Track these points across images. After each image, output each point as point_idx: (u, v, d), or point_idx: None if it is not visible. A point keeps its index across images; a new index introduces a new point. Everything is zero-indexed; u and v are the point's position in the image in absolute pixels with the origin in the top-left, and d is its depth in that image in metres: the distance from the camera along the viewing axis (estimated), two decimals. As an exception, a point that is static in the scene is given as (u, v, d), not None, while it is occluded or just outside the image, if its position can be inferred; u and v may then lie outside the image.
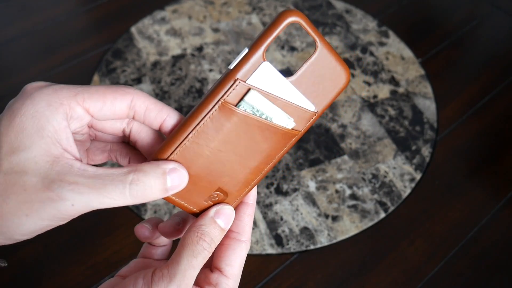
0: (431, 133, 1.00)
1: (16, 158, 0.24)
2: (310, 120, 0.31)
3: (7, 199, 0.24)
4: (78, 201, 0.24)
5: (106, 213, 0.86)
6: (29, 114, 0.25)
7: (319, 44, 0.29)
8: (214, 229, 0.29)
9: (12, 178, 0.24)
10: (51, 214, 0.24)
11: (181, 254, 0.28)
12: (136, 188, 0.25)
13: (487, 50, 1.17)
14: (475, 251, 0.85)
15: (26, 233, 0.25)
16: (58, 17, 1.19)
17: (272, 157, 0.32)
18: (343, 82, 0.31)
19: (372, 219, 0.87)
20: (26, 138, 0.24)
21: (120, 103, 0.27)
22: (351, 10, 1.24)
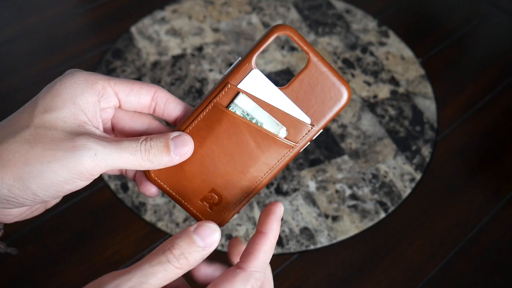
0: (431, 133, 1.00)
1: (48, 116, 0.27)
2: (306, 133, 0.32)
3: (35, 146, 0.26)
4: (101, 151, 0.27)
5: (106, 213, 0.86)
6: (68, 84, 0.28)
7: (310, 56, 0.31)
8: (188, 245, 0.27)
9: (41, 131, 0.27)
10: (72, 164, 0.26)
11: (141, 262, 0.27)
12: (145, 146, 0.28)
13: (487, 50, 1.17)
14: (475, 251, 0.85)
15: (44, 184, 0.26)
16: (58, 17, 1.19)
17: (267, 165, 0.32)
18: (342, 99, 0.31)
19: (372, 219, 0.87)
20: (60, 101, 0.28)
21: (145, 93, 0.31)
22: (351, 10, 1.24)
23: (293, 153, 0.32)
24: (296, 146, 0.32)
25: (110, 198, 0.88)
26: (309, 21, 1.21)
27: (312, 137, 0.32)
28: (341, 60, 1.12)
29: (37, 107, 0.28)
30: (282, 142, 0.31)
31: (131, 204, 0.87)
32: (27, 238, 0.83)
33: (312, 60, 0.31)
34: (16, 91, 1.03)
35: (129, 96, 0.31)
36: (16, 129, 0.27)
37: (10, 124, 0.27)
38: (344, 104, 0.31)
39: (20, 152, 0.26)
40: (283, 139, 0.31)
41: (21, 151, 0.26)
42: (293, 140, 0.31)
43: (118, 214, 0.86)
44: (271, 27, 0.31)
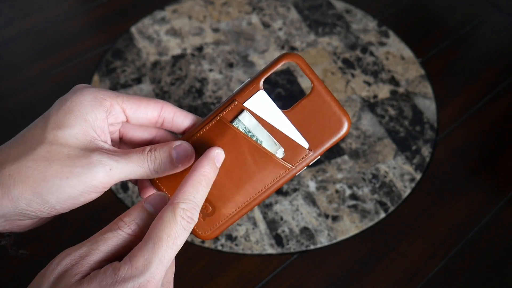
0: (431, 133, 1.00)
1: (60, 132, 0.29)
2: (303, 157, 0.33)
3: (52, 163, 0.28)
4: (114, 166, 0.29)
5: (106, 213, 0.86)
6: (78, 101, 0.30)
7: (315, 84, 0.32)
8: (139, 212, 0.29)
9: (56, 148, 0.28)
10: (89, 179, 0.28)
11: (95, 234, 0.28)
12: (151, 157, 0.30)
13: (487, 50, 1.17)
14: (475, 251, 0.85)
15: (62, 198, 0.28)
16: (58, 17, 1.19)
17: (262, 183, 0.33)
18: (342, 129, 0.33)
19: (372, 219, 0.87)
20: (72, 118, 0.29)
21: (152, 109, 0.33)
22: (351, 10, 1.24)
23: (289, 176, 0.33)
24: (292, 168, 0.33)
25: (110, 198, 0.88)
26: (309, 21, 1.21)
27: (309, 162, 0.33)
28: (341, 60, 1.12)
29: (49, 123, 0.29)
30: (278, 162, 0.32)
31: (131, 204, 0.87)
32: (27, 238, 0.83)
33: (316, 88, 0.32)
34: (16, 91, 1.03)
35: (136, 113, 0.32)
36: (31, 146, 0.28)
37: (25, 140, 0.29)
38: (343, 134, 0.33)
39: (39, 169, 0.27)
40: (279, 159, 0.32)
41: (39, 168, 0.27)
42: (289, 162, 0.33)
43: (118, 214, 0.85)
44: (281, 54, 0.33)
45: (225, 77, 1.08)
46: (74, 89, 0.31)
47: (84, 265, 0.26)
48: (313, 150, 0.33)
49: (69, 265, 0.27)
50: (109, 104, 0.31)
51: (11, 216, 0.28)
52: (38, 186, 0.27)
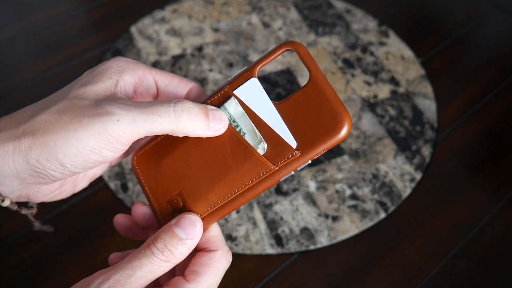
0: (431, 133, 1.00)
1: (83, 89, 0.28)
2: (288, 157, 0.28)
3: (63, 115, 0.27)
4: (123, 116, 0.26)
5: (106, 213, 0.86)
6: (109, 64, 0.30)
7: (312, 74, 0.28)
8: (170, 238, 0.27)
9: (73, 102, 0.27)
10: (97, 130, 0.26)
11: (126, 258, 0.28)
12: (181, 106, 0.27)
13: (488, 50, 1.17)
14: (475, 251, 0.85)
15: (70, 153, 0.26)
16: (58, 17, 1.19)
17: (237, 182, 0.28)
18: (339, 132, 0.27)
19: (372, 219, 0.87)
20: (98, 77, 0.29)
21: (183, 87, 0.32)
22: (351, 10, 1.24)
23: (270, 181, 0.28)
24: (274, 169, 0.28)
25: (110, 198, 0.88)
26: (309, 21, 1.21)
27: (296, 167, 0.28)
28: (341, 60, 1.12)
29: (76, 83, 0.29)
30: (258, 158, 0.28)
31: (131, 204, 0.87)
32: (27, 238, 0.83)
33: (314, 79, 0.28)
34: (16, 91, 1.03)
35: (168, 87, 0.31)
36: (51, 102, 0.28)
37: (47, 100, 0.29)
38: (341, 137, 0.27)
39: (50, 121, 0.27)
40: (259, 155, 0.28)
41: (50, 120, 0.27)
42: (272, 161, 0.28)
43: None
44: (281, 43, 0.30)
45: (225, 77, 1.08)
46: (110, 59, 0.31)
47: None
48: (301, 151, 0.27)
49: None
50: (142, 73, 0.30)
51: (26, 177, 0.27)
52: (46, 138, 0.26)
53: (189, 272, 0.29)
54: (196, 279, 0.28)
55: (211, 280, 0.29)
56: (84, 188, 0.89)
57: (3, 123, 0.27)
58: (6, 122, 0.27)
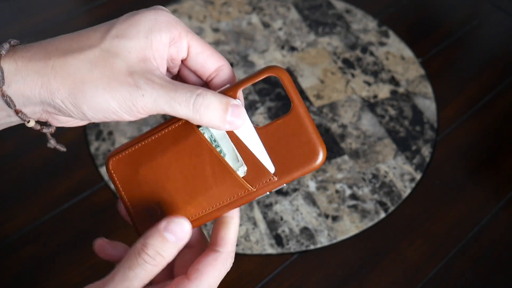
0: (431, 133, 1.00)
1: (117, 41, 0.27)
2: (266, 181, 0.30)
3: (95, 69, 0.27)
4: (148, 93, 0.27)
5: (106, 213, 0.86)
6: (149, 18, 0.28)
7: (295, 105, 0.29)
8: (161, 243, 0.28)
9: (105, 55, 0.27)
10: (123, 97, 0.27)
11: (118, 267, 0.27)
12: (201, 101, 0.28)
13: (487, 50, 1.17)
14: (475, 251, 0.85)
15: (94, 107, 0.27)
16: (58, 17, 1.19)
17: (216, 199, 0.30)
18: (315, 160, 0.29)
19: (372, 219, 0.87)
20: (134, 31, 0.28)
21: (214, 61, 0.31)
22: (351, 10, 1.24)
23: (247, 198, 0.30)
24: (251, 190, 0.30)
25: (110, 198, 0.88)
26: (309, 21, 1.21)
27: (272, 189, 0.30)
28: (341, 60, 1.12)
29: (111, 30, 0.28)
30: (238, 180, 0.29)
31: (131, 204, 0.87)
32: (27, 238, 0.83)
33: (295, 109, 0.29)
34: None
35: (199, 55, 0.30)
36: (83, 46, 0.28)
37: (80, 39, 0.28)
38: (316, 166, 0.29)
39: (81, 70, 0.27)
40: (239, 178, 0.29)
41: (81, 69, 0.27)
42: (250, 183, 0.30)
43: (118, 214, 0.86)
44: (266, 67, 0.30)
45: (225, 77, 1.08)
46: (151, 7, 0.30)
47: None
48: (279, 176, 0.30)
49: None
50: (178, 33, 0.29)
51: (48, 107, 0.28)
52: (75, 87, 0.27)
53: (192, 270, 0.29)
54: (198, 278, 0.29)
55: (212, 280, 0.29)
56: (84, 188, 0.89)
57: (32, 51, 0.28)
58: (36, 51, 0.28)
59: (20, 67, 0.27)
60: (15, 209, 0.86)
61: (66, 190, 0.89)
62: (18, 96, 0.27)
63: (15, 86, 0.27)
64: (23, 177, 0.90)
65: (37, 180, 0.90)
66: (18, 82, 0.27)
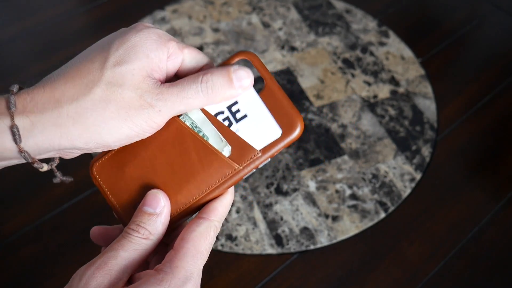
0: (431, 133, 1.00)
1: (119, 69, 0.28)
2: (251, 157, 0.31)
3: (109, 105, 0.28)
4: (163, 106, 0.28)
5: (106, 213, 0.86)
6: (144, 38, 0.29)
7: (267, 82, 0.31)
8: (141, 216, 0.29)
9: (112, 88, 0.28)
10: (143, 119, 0.28)
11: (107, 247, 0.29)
12: (206, 83, 0.29)
13: (487, 50, 1.17)
14: (475, 251, 0.85)
15: (119, 138, 0.29)
16: (58, 17, 1.19)
17: (206, 183, 0.31)
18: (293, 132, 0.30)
19: (372, 219, 0.87)
20: (133, 54, 0.28)
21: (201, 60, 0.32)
22: (351, 10, 1.24)
23: (235, 178, 0.31)
24: (238, 169, 0.31)
25: (110, 198, 0.88)
26: (309, 21, 1.21)
27: (258, 164, 0.31)
28: (341, 60, 1.12)
29: (109, 59, 0.28)
30: (224, 160, 0.30)
31: (131, 204, 0.87)
32: (27, 238, 0.83)
33: (268, 86, 0.31)
34: (16, 91, 1.03)
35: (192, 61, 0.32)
36: (88, 84, 0.28)
37: (81, 76, 0.28)
38: (295, 137, 0.30)
39: (97, 111, 0.28)
40: (225, 157, 0.30)
41: (97, 109, 0.28)
42: (236, 161, 0.31)
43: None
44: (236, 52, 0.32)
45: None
46: (137, 26, 0.30)
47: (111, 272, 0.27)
48: (262, 151, 0.31)
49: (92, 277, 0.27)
50: (172, 48, 0.30)
51: (64, 150, 0.29)
52: (98, 128, 0.28)
53: (177, 240, 0.30)
54: (184, 246, 0.29)
55: (199, 246, 0.29)
56: (84, 188, 0.89)
57: (41, 102, 0.28)
58: (45, 101, 0.28)
59: (34, 122, 0.27)
60: (15, 209, 0.86)
61: (66, 190, 0.89)
62: (35, 149, 0.28)
63: (32, 141, 0.27)
64: (23, 177, 0.90)
65: (37, 180, 0.90)
66: (36, 137, 0.27)
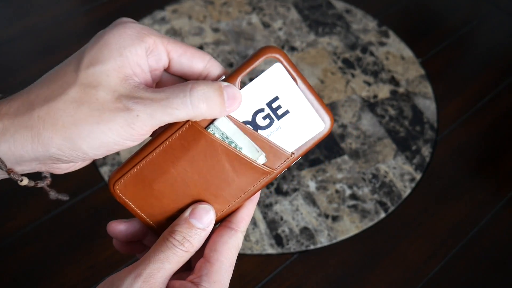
0: (431, 133, 1.00)
1: (92, 70, 0.26)
2: (284, 160, 0.31)
3: (81, 107, 0.26)
4: (142, 111, 0.26)
5: (106, 213, 0.86)
6: (118, 34, 0.27)
7: (298, 83, 0.30)
8: (188, 229, 0.29)
9: (87, 90, 0.26)
10: (119, 124, 0.26)
11: (149, 252, 0.28)
12: (197, 94, 0.27)
13: (487, 50, 1.17)
14: (475, 251, 0.85)
15: (94, 144, 0.26)
16: (58, 17, 1.19)
17: (242, 190, 0.31)
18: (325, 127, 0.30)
19: (372, 219, 0.87)
20: (106, 52, 0.27)
21: (198, 59, 0.29)
22: (351, 10, 1.24)
23: (269, 179, 0.31)
24: (272, 172, 0.31)
25: (110, 198, 0.88)
26: (309, 21, 1.21)
27: (289, 165, 0.31)
28: (341, 60, 1.12)
29: (83, 60, 0.27)
30: (259, 168, 0.30)
31: (131, 204, 0.87)
32: (27, 238, 0.83)
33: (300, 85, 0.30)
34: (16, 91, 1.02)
35: (181, 57, 0.29)
36: (62, 86, 0.27)
37: (56, 79, 0.27)
38: (326, 133, 0.30)
39: (68, 112, 0.26)
40: (261, 166, 0.30)
41: (69, 110, 0.26)
42: (270, 166, 0.30)
43: (118, 214, 0.86)
44: (260, 48, 0.30)
45: (225, 77, 1.08)
46: (116, 22, 0.28)
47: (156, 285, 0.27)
48: (294, 150, 0.31)
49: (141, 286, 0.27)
50: (153, 42, 0.28)
51: (44, 160, 0.27)
52: (68, 130, 0.26)
53: (210, 252, 0.30)
54: (219, 259, 0.29)
55: (231, 258, 0.30)
56: (84, 188, 0.89)
57: (15, 106, 0.27)
58: (19, 105, 0.27)
59: (6, 126, 0.26)
60: (15, 209, 0.86)
61: (66, 190, 0.89)
62: (9, 155, 0.26)
63: (5, 146, 0.26)
64: (23, 177, 0.90)
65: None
66: (8, 142, 0.26)
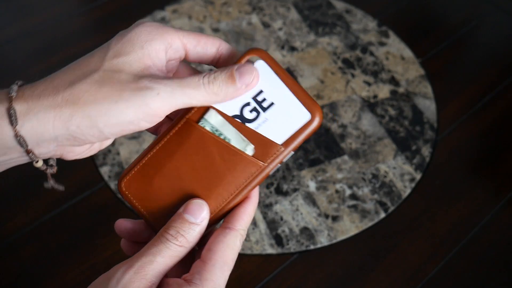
0: (431, 133, 1.00)
1: (116, 61, 0.29)
2: (275, 153, 0.31)
3: (103, 87, 0.28)
4: (163, 90, 0.28)
5: (106, 213, 0.86)
6: (139, 31, 0.30)
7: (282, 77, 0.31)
8: (182, 223, 0.29)
9: (109, 74, 0.29)
10: (138, 103, 0.28)
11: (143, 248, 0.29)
12: (208, 79, 0.29)
13: (487, 50, 1.17)
14: (475, 251, 0.85)
15: (110, 122, 0.28)
16: (58, 17, 1.19)
17: (233, 185, 0.31)
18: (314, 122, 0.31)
19: (372, 219, 0.87)
20: (130, 47, 0.30)
21: (211, 45, 0.32)
22: (351, 10, 1.24)
23: (262, 175, 0.31)
24: (264, 166, 0.31)
25: (110, 198, 0.88)
26: (309, 21, 1.21)
27: (282, 159, 0.31)
28: (341, 60, 1.12)
29: (108, 52, 0.30)
30: (249, 159, 0.31)
31: (131, 204, 0.87)
32: (27, 238, 0.83)
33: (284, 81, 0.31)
34: (16, 91, 1.03)
35: (196, 47, 0.32)
36: (87, 72, 0.29)
37: (81, 67, 0.29)
38: (316, 127, 0.31)
39: (90, 92, 0.28)
40: (249, 156, 0.31)
41: (90, 90, 0.28)
42: (261, 159, 0.31)
43: (118, 214, 0.86)
44: (246, 50, 0.32)
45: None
46: (136, 23, 0.32)
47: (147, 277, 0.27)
48: (284, 145, 0.31)
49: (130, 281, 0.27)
50: (170, 38, 0.31)
51: (63, 141, 0.29)
52: (88, 108, 0.28)
53: (204, 252, 0.30)
54: (212, 258, 0.29)
55: (226, 257, 0.30)
56: (84, 188, 0.89)
57: (40, 89, 0.29)
58: (44, 88, 0.29)
59: (31, 106, 0.28)
60: (15, 209, 0.86)
61: (66, 190, 0.89)
62: (32, 134, 0.28)
63: (28, 125, 0.28)
64: (23, 177, 0.90)
65: (37, 180, 0.90)
66: (31, 120, 0.28)
